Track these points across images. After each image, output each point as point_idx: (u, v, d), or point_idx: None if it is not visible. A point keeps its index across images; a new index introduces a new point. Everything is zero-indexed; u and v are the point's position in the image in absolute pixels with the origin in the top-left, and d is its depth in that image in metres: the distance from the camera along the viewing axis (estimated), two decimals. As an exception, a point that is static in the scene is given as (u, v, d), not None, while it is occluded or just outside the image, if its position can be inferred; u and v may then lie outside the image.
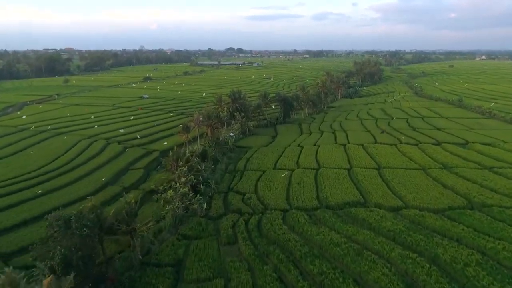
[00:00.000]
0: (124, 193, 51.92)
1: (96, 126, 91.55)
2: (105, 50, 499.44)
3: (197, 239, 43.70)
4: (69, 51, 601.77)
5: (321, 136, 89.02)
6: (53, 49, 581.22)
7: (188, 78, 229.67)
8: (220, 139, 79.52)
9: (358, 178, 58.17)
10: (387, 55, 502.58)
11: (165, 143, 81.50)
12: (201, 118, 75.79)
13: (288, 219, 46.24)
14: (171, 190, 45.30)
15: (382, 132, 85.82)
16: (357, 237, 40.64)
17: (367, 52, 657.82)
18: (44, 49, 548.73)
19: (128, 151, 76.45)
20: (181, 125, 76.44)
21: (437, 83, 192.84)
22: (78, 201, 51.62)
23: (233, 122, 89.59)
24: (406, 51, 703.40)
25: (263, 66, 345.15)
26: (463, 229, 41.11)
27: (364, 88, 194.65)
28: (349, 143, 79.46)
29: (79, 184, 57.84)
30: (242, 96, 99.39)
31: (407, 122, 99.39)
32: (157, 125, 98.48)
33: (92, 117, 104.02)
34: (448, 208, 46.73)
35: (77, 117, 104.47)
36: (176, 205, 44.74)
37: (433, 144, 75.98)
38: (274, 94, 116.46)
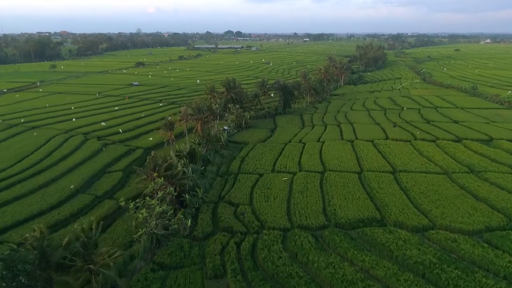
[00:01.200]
0: (81, 217, 43.04)
1: (74, 119, 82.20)
2: (99, 34, 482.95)
3: (177, 268, 35.32)
4: (64, 34, 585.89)
5: (325, 129, 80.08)
6: (47, 33, 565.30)
7: (182, 63, 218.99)
8: (212, 134, 70.72)
9: (371, 185, 49.45)
10: (390, 39, 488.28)
11: (151, 138, 72.54)
12: (189, 112, 66.37)
13: (289, 243, 37.73)
14: (144, 210, 36.48)
15: (394, 126, 76.73)
16: (377, 272, 32.16)
17: (369, 36, 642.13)
18: (38, 33, 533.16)
19: (107, 149, 67.56)
20: (163, 120, 66.30)
21: (445, 69, 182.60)
22: (37, 216, 43.16)
23: (226, 114, 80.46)
24: (408, 34, 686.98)
25: (262, 50, 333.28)
26: (510, 262, 32.63)
27: (368, 73, 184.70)
28: (357, 139, 70.61)
29: (42, 193, 49.03)
30: (237, 84, 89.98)
31: (419, 113, 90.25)
32: (144, 116, 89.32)
33: (73, 107, 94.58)
34: (486, 228, 38.19)
35: (57, 107, 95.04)
36: (150, 227, 36.11)
37: (452, 140, 67.06)
38: (274, 82, 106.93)
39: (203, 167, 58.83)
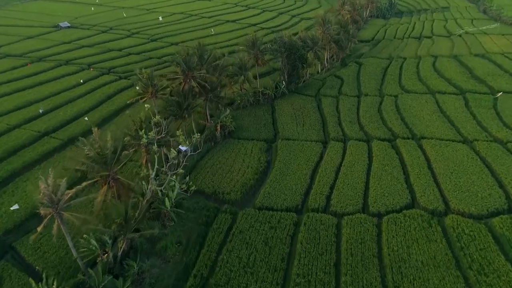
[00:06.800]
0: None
1: None
2: None
3: None
4: None
5: (370, 157, 42.12)
6: None
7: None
8: (143, 201, 33.00)
9: None
10: None
11: (15, 207, 34.22)
12: (75, 169, 25.88)
13: None
14: None
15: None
16: None
17: None
18: None
19: None
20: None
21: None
22: None
23: (172, 139, 40.37)
24: None
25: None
26: None
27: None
28: (448, 207, 33.45)
29: None
30: (209, 56, 48.75)
31: (530, 105, 51.43)
32: (42, 113, 50.12)
33: None
34: None
35: None
36: None
37: None
38: (274, 39, 64.38)
39: None
